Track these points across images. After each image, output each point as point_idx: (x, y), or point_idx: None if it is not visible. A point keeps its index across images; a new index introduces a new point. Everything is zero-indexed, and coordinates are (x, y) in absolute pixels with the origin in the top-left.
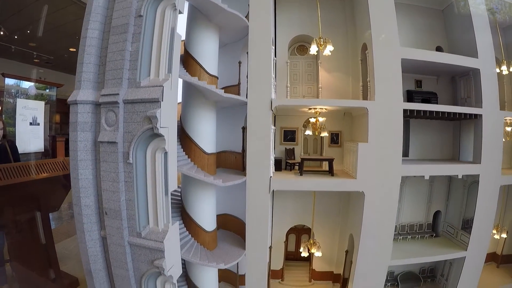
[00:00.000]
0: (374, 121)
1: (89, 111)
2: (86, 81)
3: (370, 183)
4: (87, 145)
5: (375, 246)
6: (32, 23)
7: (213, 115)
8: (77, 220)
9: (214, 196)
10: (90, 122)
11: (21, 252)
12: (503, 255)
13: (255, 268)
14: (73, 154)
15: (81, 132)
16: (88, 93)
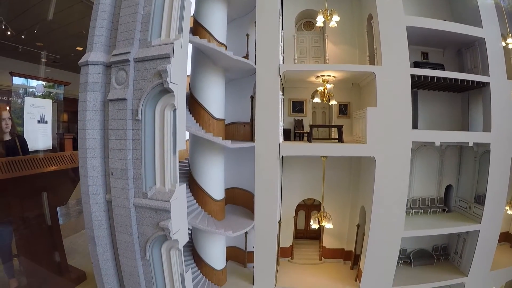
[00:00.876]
0: (382, 85)
1: (100, 72)
2: (97, 44)
3: (381, 148)
4: (96, 105)
5: (388, 214)
6: (39, 22)
7: (222, 81)
8: (83, 183)
9: (222, 163)
10: (100, 83)
11: (29, 246)
12: None
13: (264, 239)
14: (82, 114)
15: (90, 92)
16: (99, 55)
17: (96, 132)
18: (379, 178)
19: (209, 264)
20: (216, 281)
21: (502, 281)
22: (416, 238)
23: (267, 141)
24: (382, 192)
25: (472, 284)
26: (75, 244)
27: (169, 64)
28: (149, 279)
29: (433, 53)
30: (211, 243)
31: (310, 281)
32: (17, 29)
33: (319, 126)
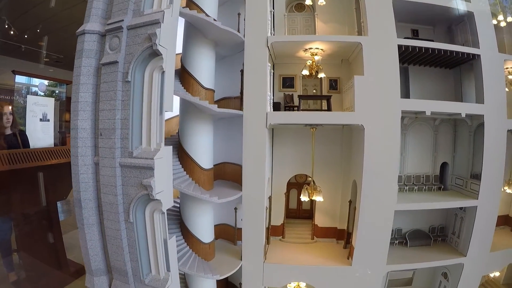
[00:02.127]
0: (368, 55)
1: (95, 40)
2: (94, 16)
3: (369, 116)
4: (90, 70)
5: (379, 186)
6: (42, 22)
7: (212, 54)
8: (73, 145)
9: (211, 132)
10: (95, 50)
11: (28, 241)
12: None
13: (252, 210)
14: (76, 79)
15: (85, 58)
16: (95, 25)
17: (88, 96)
18: (369, 147)
19: (196, 236)
20: (203, 255)
21: (503, 263)
22: (412, 218)
23: (254, 109)
24: (373, 162)
25: (471, 265)
26: (74, 239)
27: (159, 28)
28: (132, 244)
29: (423, 31)
30: (198, 214)
31: (301, 259)
32: (20, 28)
33: (307, 97)
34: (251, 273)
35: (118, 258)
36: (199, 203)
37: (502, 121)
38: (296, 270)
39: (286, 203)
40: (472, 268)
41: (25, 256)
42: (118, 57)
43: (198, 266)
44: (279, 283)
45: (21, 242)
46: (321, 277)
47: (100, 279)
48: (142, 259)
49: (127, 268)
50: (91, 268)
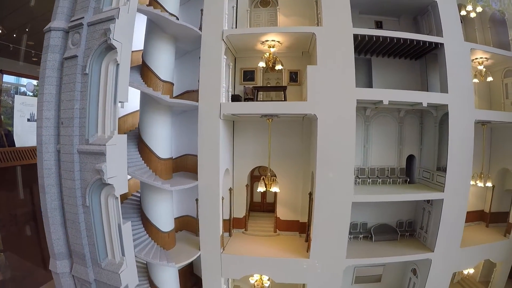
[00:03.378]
0: (322, 45)
1: (60, 37)
2: (60, 14)
3: (322, 105)
4: (54, 65)
5: (334, 177)
6: (30, 21)
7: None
8: (38, 134)
9: (168, 123)
10: (60, 46)
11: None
12: (491, 212)
13: (207, 199)
14: (42, 73)
15: (51, 53)
16: (60, 22)
17: (53, 88)
18: (322, 137)
19: (155, 224)
20: (161, 244)
21: (476, 259)
22: (378, 212)
23: (209, 100)
24: (327, 152)
25: (439, 260)
26: None
27: (113, 24)
28: (90, 228)
29: (388, 22)
30: (157, 203)
31: (260, 251)
32: (8, 27)
33: (263, 88)
34: (210, 264)
35: (77, 242)
36: (157, 193)
37: (469, 111)
38: (253, 262)
39: (251, 196)
40: (441, 264)
41: (11, 256)
42: (78, 51)
43: (155, 253)
44: (238, 274)
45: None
46: (278, 269)
47: (62, 263)
48: (99, 243)
49: (85, 252)
50: (54, 252)
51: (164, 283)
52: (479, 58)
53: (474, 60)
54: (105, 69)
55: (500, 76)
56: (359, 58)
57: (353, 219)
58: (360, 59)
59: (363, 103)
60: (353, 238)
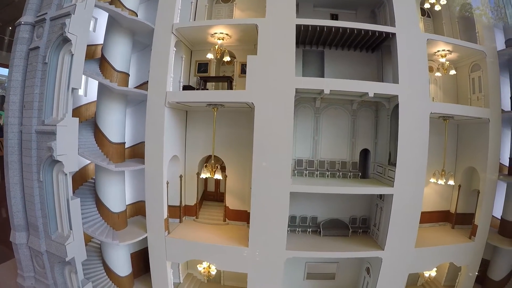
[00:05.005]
0: (264, 36)
1: (28, 30)
2: (29, 10)
3: (260, 94)
4: (21, 55)
5: (272, 166)
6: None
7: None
8: (5, 116)
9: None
10: (27, 38)
11: None
12: (457, 213)
13: (153, 183)
14: (11, 62)
15: (19, 45)
16: (29, 17)
17: (19, 75)
18: (260, 126)
19: (106, 205)
20: (112, 224)
21: (436, 261)
22: (329, 207)
23: (156, 89)
24: (264, 141)
25: (391, 260)
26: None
27: (69, 19)
28: (43, 202)
29: (345, 15)
30: (109, 185)
31: (205, 238)
32: (3, 20)
33: (209, 78)
34: (155, 246)
35: (32, 215)
36: (109, 175)
37: (423, 103)
38: (196, 247)
39: (205, 185)
40: (393, 264)
41: None
42: (40, 43)
43: (103, 231)
44: (181, 258)
45: None
46: (220, 256)
47: (20, 234)
48: (51, 217)
49: (38, 224)
50: (14, 224)
51: (115, 263)
52: (441, 51)
53: (436, 53)
54: (62, 59)
55: (467, 70)
56: (311, 50)
57: (302, 212)
58: (312, 51)
59: (309, 93)
60: (302, 231)
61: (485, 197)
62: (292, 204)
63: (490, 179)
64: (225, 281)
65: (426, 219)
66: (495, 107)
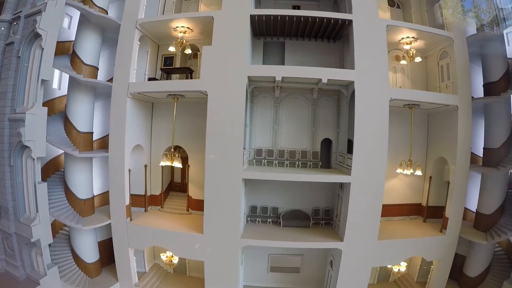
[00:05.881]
0: (218, 26)
1: (5, 27)
2: (8, 8)
3: (214, 83)
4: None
5: (224, 152)
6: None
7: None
8: None
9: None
10: (5, 34)
11: None
12: (428, 206)
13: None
14: None
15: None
16: (7, 15)
17: None
18: (212, 113)
19: (73, 192)
20: (78, 210)
21: (403, 255)
22: (291, 197)
23: (120, 81)
24: (217, 128)
25: (352, 252)
26: None
27: (40, 16)
28: (14, 185)
29: (307, 6)
30: (76, 172)
31: (164, 225)
32: None
33: (169, 69)
34: (118, 233)
35: (3, 197)
36: (76, 163)
37: (381, 89)
38: (155, 233)
39: (171, 176)
40: (354, 256)
41: None
42: (15, 38)
43: (68, 216)
44: (142, 245)
45: None
46: (178, 243)
47: None
48: (20, 200)
49: (8, 207)
50: None
51: (81, 249)
52: (405, 38)
53: (401, 40)
54: (33, 52)
55: (436, 58)
56: (272, 42)
57: (263, 203)
58: (273, 42)
59: (264, 82)
60: (262, 222)
61: (455, 189)
62: (253, 194)
63: (460, 169)
64: (190, 272)
65: (396, 212)
66: (464, 93)
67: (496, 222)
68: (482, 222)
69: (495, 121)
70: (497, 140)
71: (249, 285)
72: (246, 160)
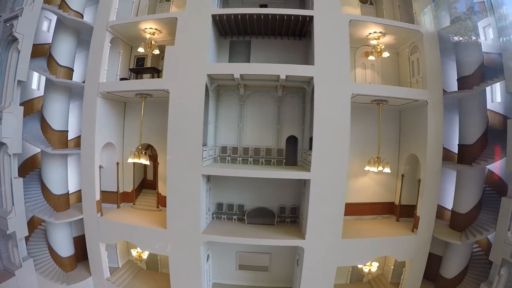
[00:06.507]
0: (181, 26)
1: None
2: None
3: (175, 81)
4: None
5: (184, 149)
6: None
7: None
8: None
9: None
10: None
11: None
12: (401, 205)
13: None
14: None
15: None
16: None
17: None
18: (174, 110)
19: (48, 187)
20: (53, 205)
21: (371, 255)
22: (257, 195)
23: (91, 80)
24: (177, 125)
25: (315, 250)
26: None
27: (17, 20)
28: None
29: (274, 4)
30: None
31: (133, 220)
32: None
33: (137, 70)
34: (89, 227)
35: None
36: (51, 160)
37: (342, 84)
38: (123, 228)
39: (144, 173)
40: (317, 255)
41: None
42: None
43: (43, 211)
44: (112, 240)
45: None
46: (144, 238)
47: None
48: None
49: None
50: None
51: (57, 244)
52: (373, 33)
53: (368, 35)
54: (11, 55)
55: (407, 54)
56: (238, 40)
57: (229, 200)
58: (239, 41)
59: (224, 80)
60: (227, 219)
61: (426, 187)
62: (219, 191)
63: (431, 166)
64: (162, 269)
65: (368, 210)
66: (434, 88)
67: (473, 221)
68: (458, 222)
69: (469, 116)
70: (472, 136)
71: (219, 282)
72: (209, 157)
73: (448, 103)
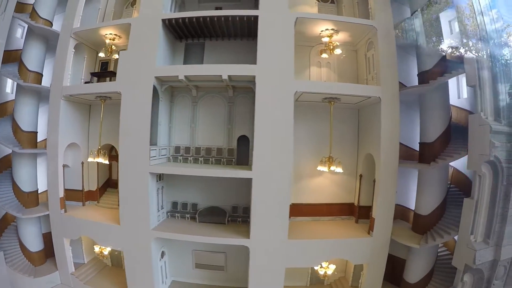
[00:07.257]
0: (134, 32)
1: None
2: None
3: (126, 84)
4: None
5: (134, 148)
6: None
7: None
8: None
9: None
10: None
11: None
12: (360, 206)
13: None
14: None
15: None
16: None
17: None
18: (124, 111)
19: (18, 185)
20: (23, 202)
21: (323, 257)
22: (210, 195)
23: (56, 84)
24: (127, 127)
25: (260, 250)
26: None
27: None
28: None
29: (229, 6)
30: (20, 166)
31: (92, 217)
32: None
33: (97, 74)
34: (54, 223)
35: None
36: (21, 159)
37: (285, 82)
38: (83, 224)
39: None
40: (262, 255)
41: None
42: None
43: (12, 207)
44: (74, 235)
45: None
46: (100, 233)
47: None
48: None
49: None
50: None
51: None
52: (325, 30)
53: (320, 33)
54: None
55: (364, 50)
56: (193, 43)
57: (183, 199)
58: (194, 44)
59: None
60: (181, 217)
61: (382, 187)
62: (174, 190)
63: (386, 166)
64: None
65: (325, 211)
66: (388, 84)
67: (435, 223)
68: (419, 224)
69: (430, 112)
70: (432, 133)
71: (178, 280)
72: (160, 156)
73: (410, 100)
